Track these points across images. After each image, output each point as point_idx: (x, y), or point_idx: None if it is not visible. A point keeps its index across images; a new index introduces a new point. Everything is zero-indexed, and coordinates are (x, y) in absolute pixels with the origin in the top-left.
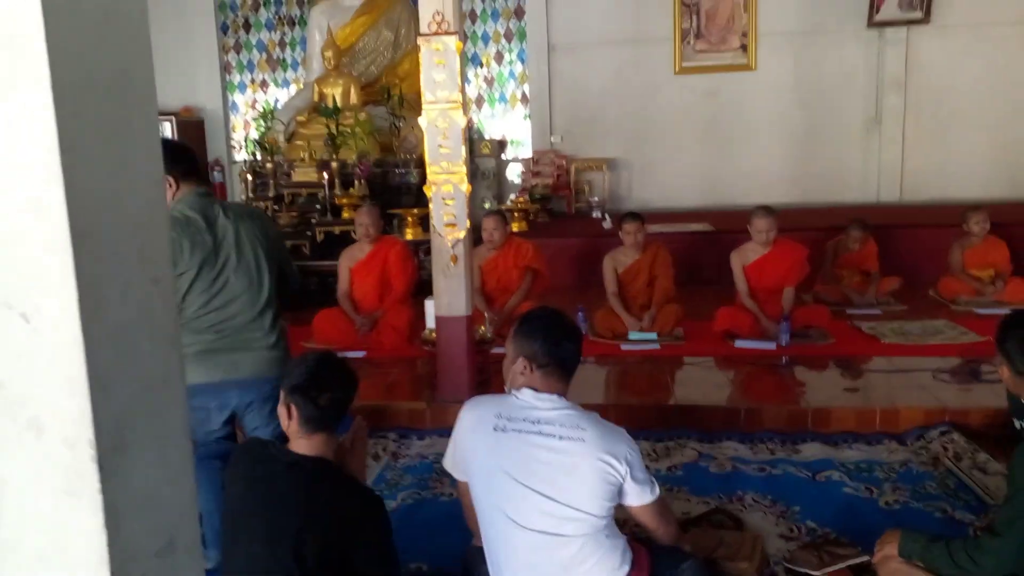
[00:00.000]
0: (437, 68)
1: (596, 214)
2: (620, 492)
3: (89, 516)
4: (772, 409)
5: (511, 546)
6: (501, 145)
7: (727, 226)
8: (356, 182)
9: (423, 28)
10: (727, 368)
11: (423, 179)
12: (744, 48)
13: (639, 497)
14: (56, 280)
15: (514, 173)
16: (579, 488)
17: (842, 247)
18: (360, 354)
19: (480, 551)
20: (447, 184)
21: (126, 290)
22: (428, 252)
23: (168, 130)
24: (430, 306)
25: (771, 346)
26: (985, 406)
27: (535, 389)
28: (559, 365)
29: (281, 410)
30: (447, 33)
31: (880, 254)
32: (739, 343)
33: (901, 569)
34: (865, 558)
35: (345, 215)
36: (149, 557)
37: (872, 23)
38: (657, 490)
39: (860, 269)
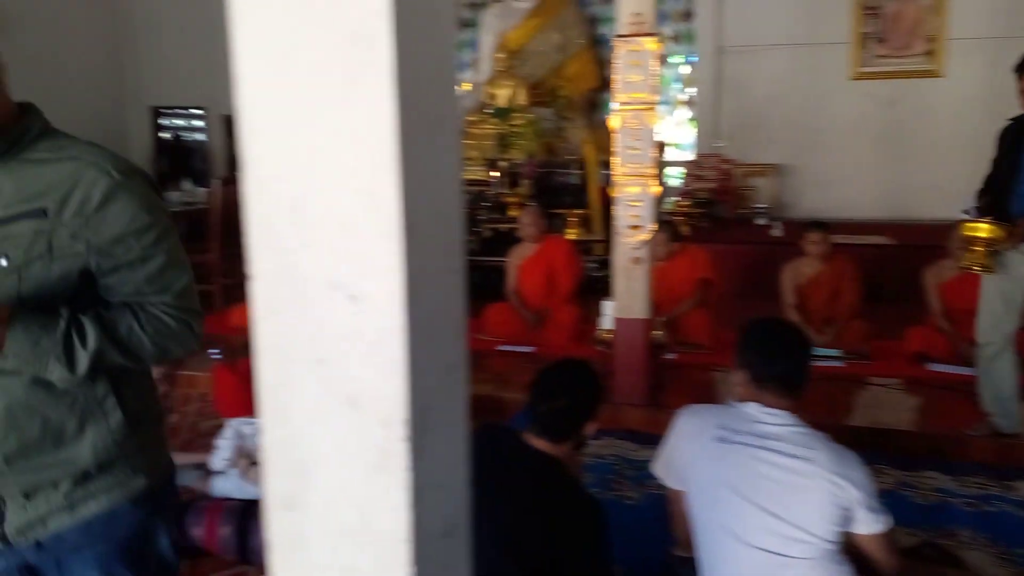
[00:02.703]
0: (633, 69)
1: (762, 220)
2: (850, 518)
3: (396, 493)
4: (980, 440)
5: (733, 563)
6: (661, 148)
7: (907, 240)
8: (523, 181)
9: (620, 29)
10: (918, 392)
11: (584, 180)
12: (930, 54)
13: (869, 525)
14: (384, 266)
15: (674, 177)
16: (807, 509)
17: None
18: (529, 349)
19: (685, 561)
20: (634, 186)
21: (435, 280)
22: (589, 252)
23: None
24: (608, 307)
25: (970, 371)
26: None
27: (760, 403)
28: (779, 381)
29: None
30: (645, 34)
31: None
32: (933, 366)
33: None
34: None
35: (511, 213)
36: (438, 538)
37: None
38: (890, 520)
39: None
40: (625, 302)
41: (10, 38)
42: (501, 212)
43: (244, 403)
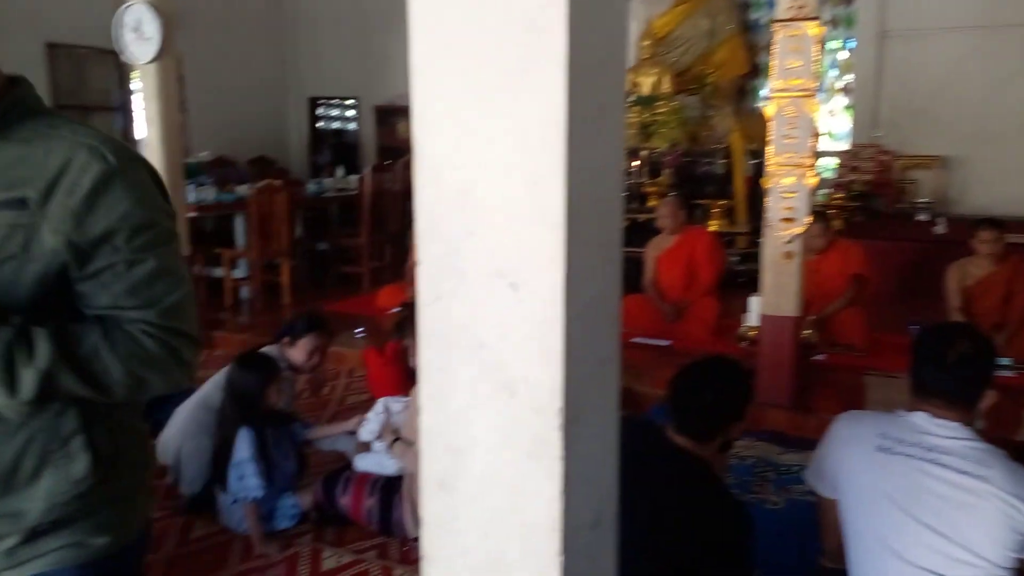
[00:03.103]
0: (792, 55)
1: (924, 216)
2: None
3: (548, 482)
4: None
5: None
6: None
7: None
8: (663, 171)
9: (779, 13)
10: None
11: (729, 170)
12: None
13: None
14: (547, 255)
15: (828, 168)
16: (976, 530)
17: None
18: (666, 343)
19: (835, 573)
20: (790, 176)
21: (594, 271)
22: (732, 244)
23: None
24: (754, 303)
25: None
26: None
27: (930, 413)
28: (950, 392)
29: None
30: (806, 18)
31: None
32: None
33: None
34: None
35: (650, 203)
36: (586, 529)
37: None
38: None
39: None
40: (773, 298)
41: (189, 34)
42: (640, 202)
43: (392, 383)
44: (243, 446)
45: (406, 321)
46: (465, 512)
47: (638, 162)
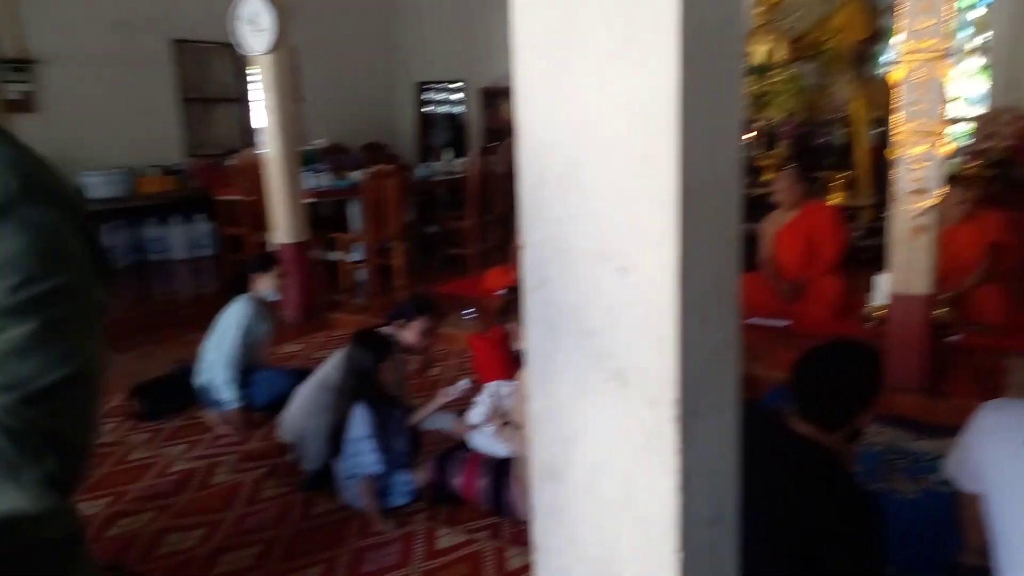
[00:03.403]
0: (921, 15)
1: None
2: None
3: (664, 477)
4: None
5: None
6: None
7: None
8: (780, 143)
9: None
10: None
11: (850, 140)
12: None
13: None
14: (658, 236)
15: (961, 134)
16: None
17: None
18: (784, 323)
19: (978, 570)
20: (919, 145)
21: (710, 252)
22: (853, 219)
23: None
24: (881, 280)
25: None
26: None
27: None
28: None
29: None
30: None
31: None
32: None
33: None
34: None
35: (765, 177)
36: (706, 526)
37: None
38: None
39: None
40: (903, 276)
41: (302, 25)
42: (755, 176)
43: (499, 367)
44: (360, 423)
45: (509, 305)
46: (576, 502)
47: (752, 134)
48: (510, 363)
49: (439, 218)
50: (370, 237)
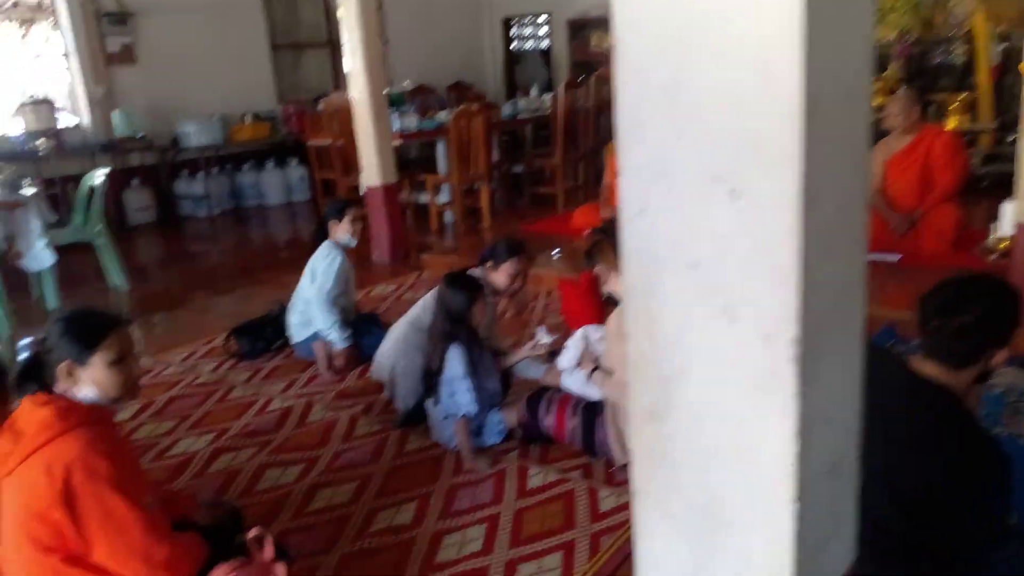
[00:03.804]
0: None
1: None
2: None
3: (781, 420)
4: None
5: None
6: None
7: None
8: (892, 63)
9: None
10: None
11: (970, 59)
12: None
13: None
14: (777, 155)
15: None
16: None
17: None
18: (895, 257)
19: None
20: None
21: (837, 174)
22: (974, 144)
23: None
24: (1007, 209)
25: None
26: None
27: None
28: None
29: None
30: None
31: None
32: None
33: None
34: None
35: (876, 101)
36: (824, 475)
37: None
38: None
39: None
40: None
41: None
42: None
43: (589, 313)
44: (455, 363)
45: (596, 247)
46: (679, 446)
47: None
48: (600, 308)
49: (525, 157)
50: (456, 178)
